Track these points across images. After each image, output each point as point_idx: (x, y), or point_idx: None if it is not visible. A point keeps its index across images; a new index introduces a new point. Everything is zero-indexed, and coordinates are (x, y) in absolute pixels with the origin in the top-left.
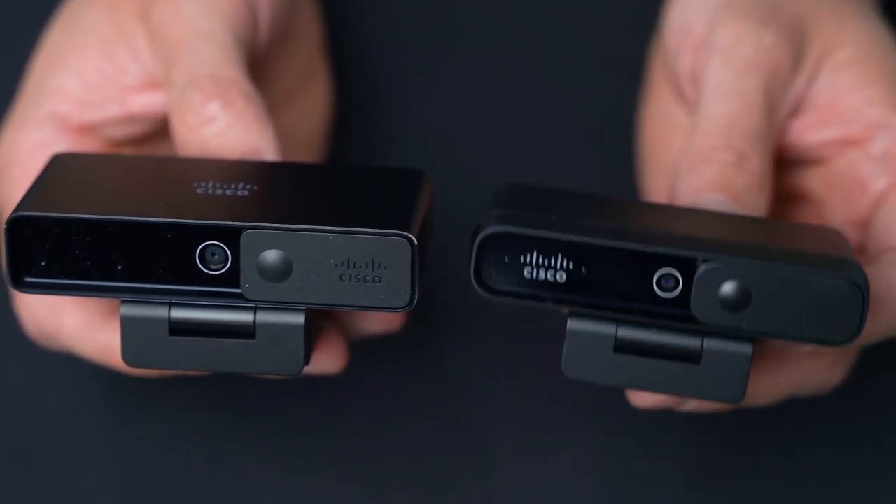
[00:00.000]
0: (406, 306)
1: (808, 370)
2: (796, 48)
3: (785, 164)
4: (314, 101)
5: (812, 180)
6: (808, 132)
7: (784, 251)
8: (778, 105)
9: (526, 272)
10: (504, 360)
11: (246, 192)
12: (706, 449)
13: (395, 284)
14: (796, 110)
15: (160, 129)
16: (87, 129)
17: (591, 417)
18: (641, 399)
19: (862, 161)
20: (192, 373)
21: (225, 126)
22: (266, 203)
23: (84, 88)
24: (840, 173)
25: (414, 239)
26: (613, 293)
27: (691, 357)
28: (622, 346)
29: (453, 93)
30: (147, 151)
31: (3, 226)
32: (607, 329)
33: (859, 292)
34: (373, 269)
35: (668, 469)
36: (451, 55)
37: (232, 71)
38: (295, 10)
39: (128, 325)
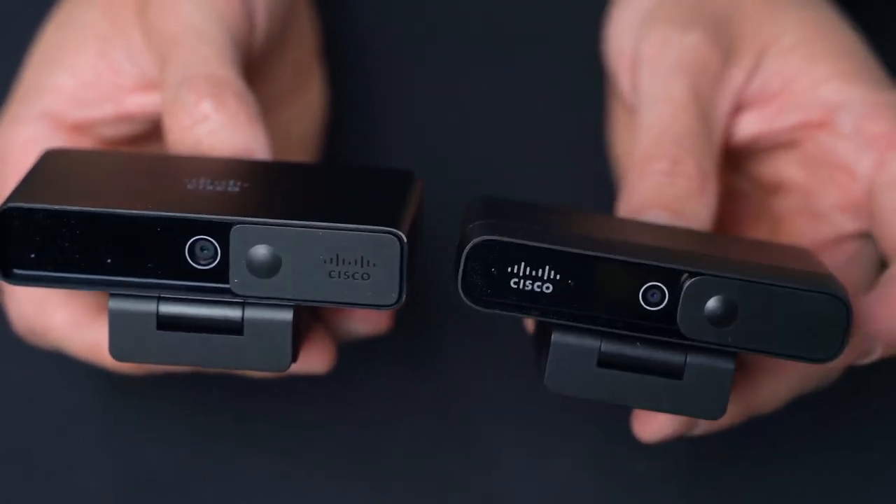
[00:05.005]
0: (394, 304)
1: (808, 372)
2: (723, 43)
3: (758, 153)
4: (309, 103)
5: (789, 166)
6: (772, 120)
7: (768, 267)
8: (710, 102)
9: (513, 283)
10: (504, 360)
11: (237, 189)
12: (706, 449)
13: (384, 282)
14: (746, 104)
15: (154, 129)
16: (80, 128)
17: (591, 417)
18: (648, 431)
19: (835, 143)
20: (180, 370)
21: (218, 126)
22: (257, 199)
23: (79, 87)
24: (816, 157)
25: (403, 236)
26: (599, 306)
27: (674, 372)
28: (606, 361)
29: (448, 95)
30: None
31: None
32: (591, 343)
33: (844, 310)
34: (362, 266)
35: (668, 469)
36: (447, 58)
37: (226, 70)
38: (292, 12)
39: (116, 319)
